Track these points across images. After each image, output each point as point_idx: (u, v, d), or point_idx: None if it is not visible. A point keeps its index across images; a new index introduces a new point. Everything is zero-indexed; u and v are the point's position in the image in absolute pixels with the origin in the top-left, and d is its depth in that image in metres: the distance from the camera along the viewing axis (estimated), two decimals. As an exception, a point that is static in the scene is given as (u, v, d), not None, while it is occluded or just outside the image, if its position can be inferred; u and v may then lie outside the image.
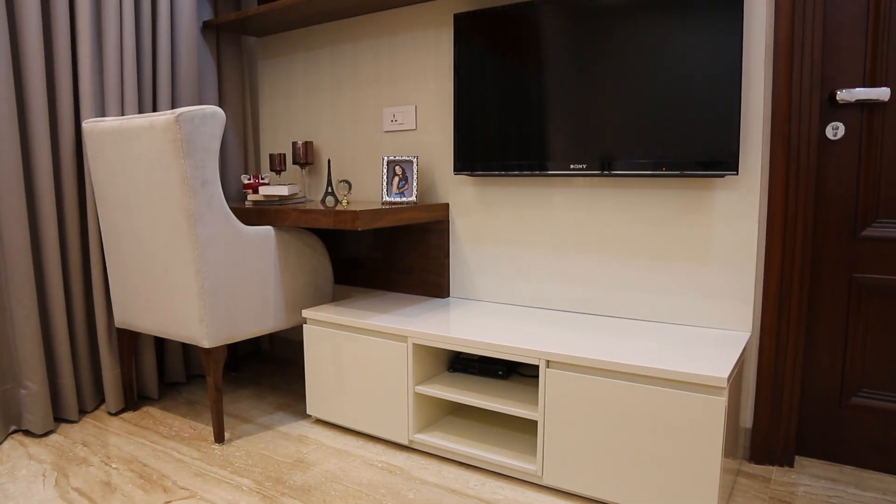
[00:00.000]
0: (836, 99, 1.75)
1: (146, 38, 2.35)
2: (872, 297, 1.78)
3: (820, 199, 1.82)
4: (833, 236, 1.82)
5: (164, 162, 1.87)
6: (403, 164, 2.29)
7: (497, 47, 2.06)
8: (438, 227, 2.35)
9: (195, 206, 1.87)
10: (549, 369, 1.66)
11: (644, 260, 1.96)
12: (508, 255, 2.23)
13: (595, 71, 1.89)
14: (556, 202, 2.10)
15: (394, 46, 2.45)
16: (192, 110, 1.82)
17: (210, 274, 1.93)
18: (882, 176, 1.74)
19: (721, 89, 1.69)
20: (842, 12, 1.75)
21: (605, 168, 1.89)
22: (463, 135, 2.16)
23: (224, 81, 2.74)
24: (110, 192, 2.06)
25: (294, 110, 2.80)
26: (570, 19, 1.91)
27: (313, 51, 2.70)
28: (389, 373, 1.96)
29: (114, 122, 1.98)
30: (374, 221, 1.95)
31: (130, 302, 2.13)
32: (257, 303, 2.09)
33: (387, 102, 2.49)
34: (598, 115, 1.89)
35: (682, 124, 1.75)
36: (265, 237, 2.11)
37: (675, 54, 1.75)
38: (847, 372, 1.83)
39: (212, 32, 2.66)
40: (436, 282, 2.38)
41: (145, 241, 2.01)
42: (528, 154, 2.03)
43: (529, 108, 2.02)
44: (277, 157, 2.57)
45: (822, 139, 1.80)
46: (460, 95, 2.16)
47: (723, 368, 1.48)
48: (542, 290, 2.17)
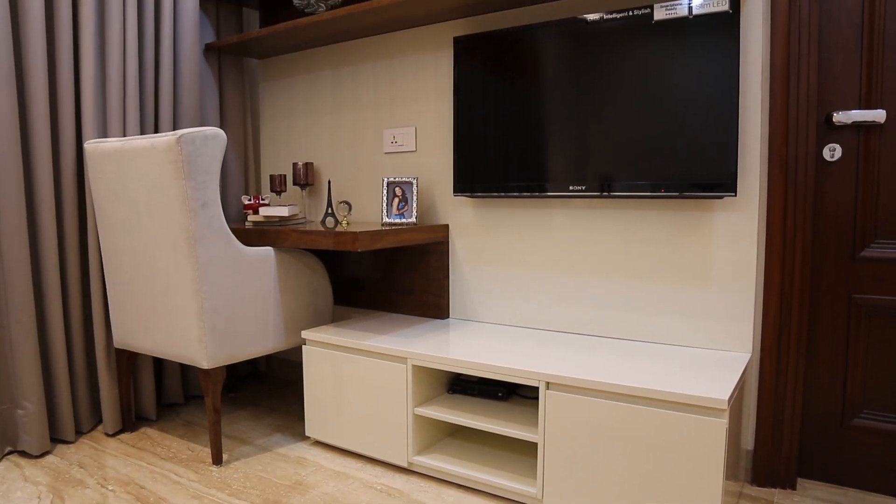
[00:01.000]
0: (832, 121, 1.77)
1: (149, 59, 2.37)
2: (872, 318, 1.78)
3: (818, 220, 1.83)
4: (832, 257, 1.82)
5: (165, 183, 1.87)
6: (403, 186, 2.30)
7: (496, 70, 2.08)
8: (438, 248, 2.35)
9: (196, 227, 1.87)
10: (548, 391, 1.65)
11: (643, 281, 1.97)
12: (508, 276, 2.23)
13: (593, 93, 1.90)
14: (556, 223, 2.11)
15: (394, 69, 2.47)
16: (193, 132, 1.84)
17: (210, 295, 1.93)
18: (879, 197, 1.75)
19: (719, 112, 1.71)
20: (836, 37, 1.77)
21: (604, 190, 1.89)
22: (463, 156, 2.18)
23: (225, 103, 2.77)
24: (111, 213, 2.07)
25: (295, 131, 2.82)
26: (569, 42, 1.93)
27: (314, 73, 2.72)
28: (389, 394, 1.95)
29: (115, 143, 1.99)
30: (374, 243, 1.95)
31: (129, 322, 2.13)
32: (257, 324, 2.09)
33: (387, 124, 2.51)
34: (596, 137, 1.90)
35: (681, 146, 1.77)
36: (265, 258, 2.11)
37: (673, 77, 1.77)
38: (848, 393, 1.82)
39: (214, 54, 2.69)
40: (435, 303, 2.38)
41: (145, 261, 2.01)
42: (527, 176, 2.04)
43: (528, 130, 2.03)
44: (278, 178, 2.59)
45: (820, 161, 1.81)
46: (460, 117, 2.18)
47: (723, 390, 1.47)
48: (541, 311, 2.17)
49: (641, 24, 1.80)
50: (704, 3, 1.71)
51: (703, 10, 1.71)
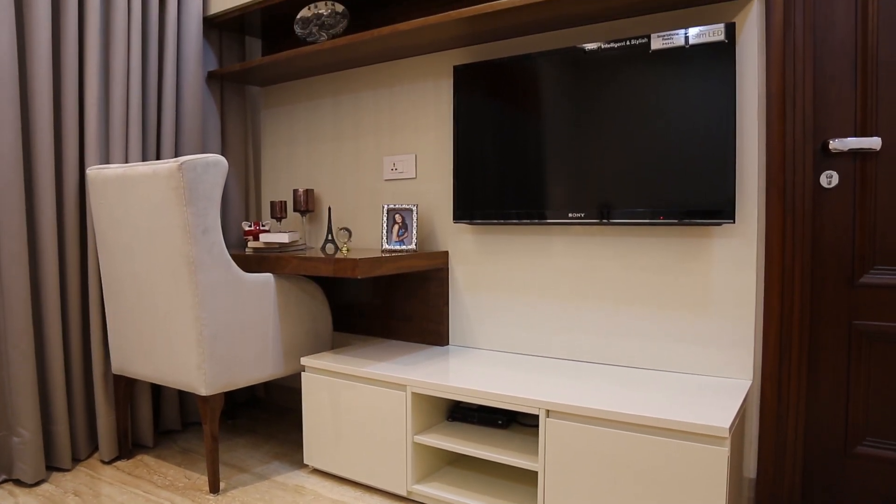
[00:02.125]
0: (829, 148, 1.78)
1: (152, 87, 2.40)
2: (873, 345, 1.77)
3: (817, 247, 1.84)
4: (831, 283, 1.82)
5: (166, 209, 1.88)
6: (403, 213, 2.31)
7: (496, 98, 2.11)
8: (438, 274, 2.36)
9: (196, 254, 1.88)
10: (548, 419, 1.64)
11: (643, 307, 1.96)
12: (508, 303, 2.23)
13: (592, 121, 1.92)
14: (555, 250, 2.12)
15: (394, 97, 2.50)
16: (194, 159, 1.85)
17: (209, 321, 1.92)
18: (877, 223, 1.76)
19: (716, 140, 1.72)
20: (831, 65, 1.80)
21: (603, 217, 1.90)
22: (462, 183, 2.19)
23: (227, 129, 2.79)
24: (112, 239, 2.07)
25: (296, 158, 2.84)
26: (567, 71, 1.96)
27: (315, 100, 2.75)
28: (388, 422, 1.93)
29: (118, 170, 2.01)
30: (374, 269, 1.96)
31: (128, 348, 2.13)
32: (256, 350, 2.08)
33: (387, 151, 2.53)
34: (595, 164, 1.92)
35: (679, 173, 1.78)
36: (265, 284, 2.11)
37: (671, 105, 1.79)
38: (851, 420, 1.81)
39: (216, 82, 2.72)
40: (435, 329, 2.38)
41: (145, 287, 2.01)
42: (526, 203, 2.05)
43: (528, 158, 2.05)
44: (278, 205, 2.60)
45: (817, 187, 1.83)
46: (459, 145, 2.19)
47: (724, 418, 1.46)
48: (541, 338, 2.16)
49: (639, 54, 1.83)
50: (700, 33, 1.73)
51: (699, 40, 1.74)
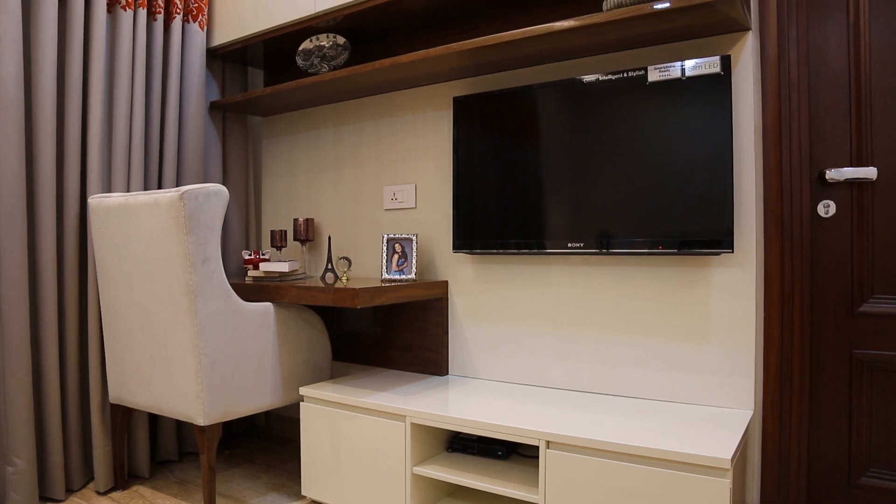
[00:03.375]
0: (825, 178, 1.80)
1: (155, 117, 2.42)
2: (874, 374, 1.77)
3: (816, 276, 1.84)
4: (831, 312, 1.82)
5: (167, 238, 1.89)
6: (403, 242, 2.32)
7: (495, 129, 2.13)
8: (437, 304, 2.35)
9: (196, 282, 1.88)
10: (549, 450, 1.63)
11: (643, 337, 1.96)
12: (507, 333, 2.22)
13: (590, 152, 1.94)
14: (555, 279, 2.12)
15: (395, 127, 2.52)
16: (196, 188, 1.86)
17: (208, 350, 1.92)
18: (875, 252, 1.76)
19: (714, 169, 1.74)
20: (825, 97, 1.82)
21: (602, 246, 1.91)
22: (462, 213, 2.20)
23: (228, 159, 2.81)
24: (112, 267, 2.08)
25: (296, 187, 2.86)
26: (566, 102, 1.98)
27: (316, 130, 2.78)
28: (387, 453, 1.92)
29: (119, 199, 2.02)
30: (374, 299, 1.96)
31: (126, 377, 2.11)
32: (255, 380, 2.07)
33: (387, 181, 2.54)
34: (594, 194, 1.93)
35: (678, 203, 1.79)
36: (264, 314, 2.11)
37: (669, 136, 1.81)
38: (854, 451, 1.79)
39: (218, 112, 2.75)
40: (434, 359, 2.37)
41: (145, 316, 2.01)
42: (525, 232, 2.06)
43: (527, 188, 2.06)
44: (278, 234, 2.61)
45: (815, 217, 1.84)
46: (459, 175, 2.21)
47: (726, 448, 1.45)
48: (541, 367, 2.15)
49: (636, 86, 1.85)
50: (697, 66, 1.76)
51: (695, 72, 1.76)
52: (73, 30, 2.15)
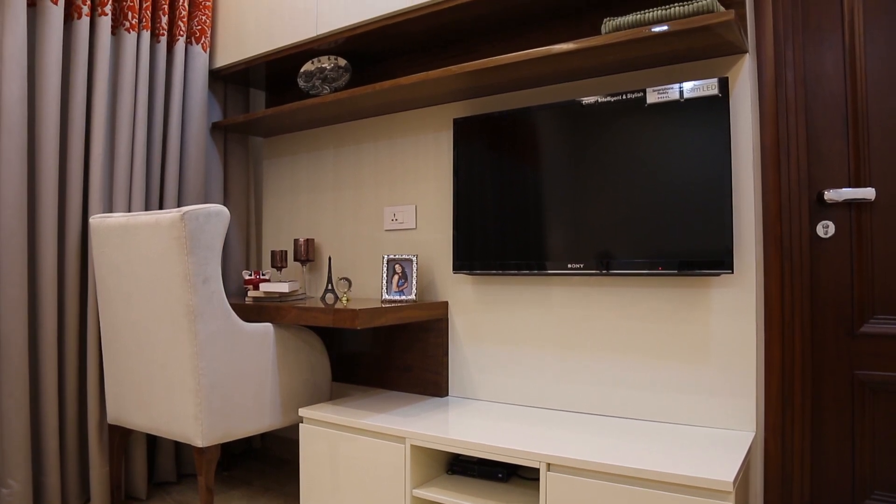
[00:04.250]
0: (824, 199, 1.80)
1: (157, 137, 2.44)
2: (877, 395, 1.76)
3: (816, 297, 1.84)
4: (831, 333, 1.82)
5: (167, 258, 1.89)
6: (403, 263, 2.32)
7: (495, 150, 2.14)
8: (437, 325, 2.35)
9: (196, 303, 1.88)
10: (549, 472, 1.61)
11: (644, 358, 1.95)
12: (507, 354, 2.22)
13: (590, 173, 1.95)
14: (555, 300, 2.12)
15: (395, 148, 2.53)
16: (197, 209, 1.87)
17: (208, 371, 1.91)
18: (875, 272, 1.77)
19: (713, 190, 1.75)
20: (823, 118, 1.83)
21: (602, 267, 1.91)
22: (462, 234, 2.21)
23: (229, 179, 2.82)
24: (113, 287, 2.08)
25: (297, 208, 2.87)
26: (565, 123, 1.99)
27: (317, 151, 2.79)
28: (387, 475, 1.90)
29: (121, 219, 2.03)
30: (374, 320, 1.95)
31: (125, 398, 2.10)
32: (254, 401, 2.06)
33: (388, 202, 2.55)
34: (594, 215, 1.94)
35: (677, 224, 1.79)
36: (264, 334, 2.11)
37: (668, 157, 1.82)
38: (858, 473, 1.78)
39: (220, 132, 2.77)
40: (435, 380, 2.36)
41: (144, 336, 2.01)
42: (525, 253, 2.06)
43: (527, 209, 2.07)
44: (279, 254, 2.61)
45: (814, 237, 1.84)
46: (459, 196, 2.22)
47: (728, 471, 1.44)
48: (542, 389, 2.14)
49: (635, 107, 1.87)
50: (695, 88, 1.77)
51: (693, 94, 1.78)
52: (77, 52, 2.17)
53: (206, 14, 2.60)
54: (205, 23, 2.60)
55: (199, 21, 2.58)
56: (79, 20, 2.18)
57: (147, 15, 2.38)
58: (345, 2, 2.26)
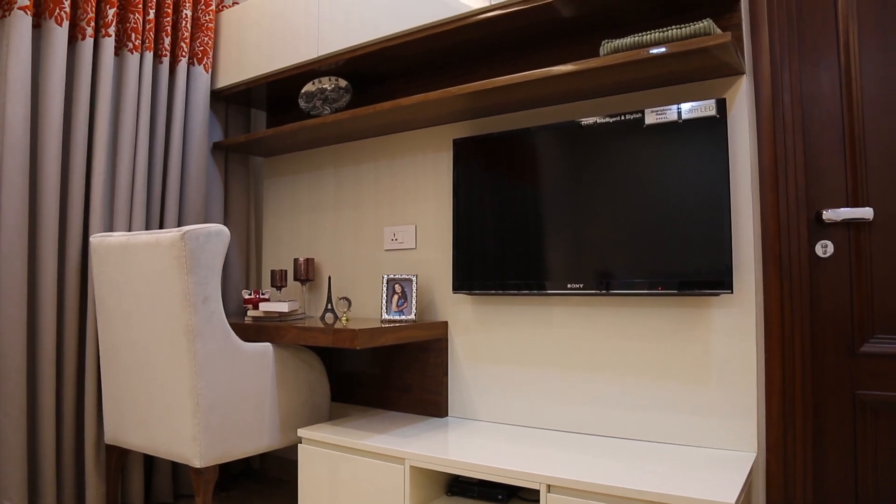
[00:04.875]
0: (822, 218, 1.81)
1: (158, 157, 2.45)
2: (879, 415, 1.75)
3: (816, 316, 1.84)
4: (832, 353, 1.82)
5: (167, 278, 1.89)
6: (403, 283, 2.32)
7: (494, 170, 2.15)
8: (437, 345, 2.35)
9: (195, 323, 1.87)
10: (549, 494, 1.60)
11: (644, 378, 1.95)
12: (507, 374, 2.21)
13: (589, 194, 1.96)
14: (555, 320, 2.11)
15: (395, 168, 2.55)
16: (197, 228, 1.87)
17: (206, 391, 1.90)
18: (874, 292, 1.77)
19: (712, 211, 1.75)
20: (820, 138, 1.85)
21: (602, 287, 1.91)
22: (461, 254, 2.21)
23: (230, 199, 2.83)
24: (112, 306, 2.08)
25: (297, 228, 2.87)
26: (565, 144, 2.01)
27: (317, 171, 2.81)
28: (386, 496, 1.89)
29: (121, 238, 2.03)
30: (373, 340, 1.95)
31: (122, 418, 2.09)
32: (253, 421, 2.05)
33: (387, 222, 2.56)
34: (593, 236, 1.94)
35: (677, 244, 1.80)
36: (263, 354, 2.10)
37: (667, 178, 1.83)
38: (861, 494, 1.76)
39: (221, 152, 2.78)
40: (434, 401, 2.35)
41: (143, 356, 2.00)
42: (525, 273, 2.07)
43: (526, 230, 2.07)
44: (279, 273, 2.61)
45: (813, 257, 1.84)
46: (459, 216, 2.23)
47: (730, 492, 1.43)
48: (541, 409, 2.13)
49: (634, 128, 1.88)
50: (692, 109, 1.79)
51: (691, 115, 1.79)
52: (80, 72, 2.19)
53: (209, 35, 2.63)
54: (207, 44, 2.62)
55: (201, 42, 2.61)
56: (83, 41, 2.20)
57: (150, 36, 2.40)
58: (345, 24, 2.29)
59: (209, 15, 2.63)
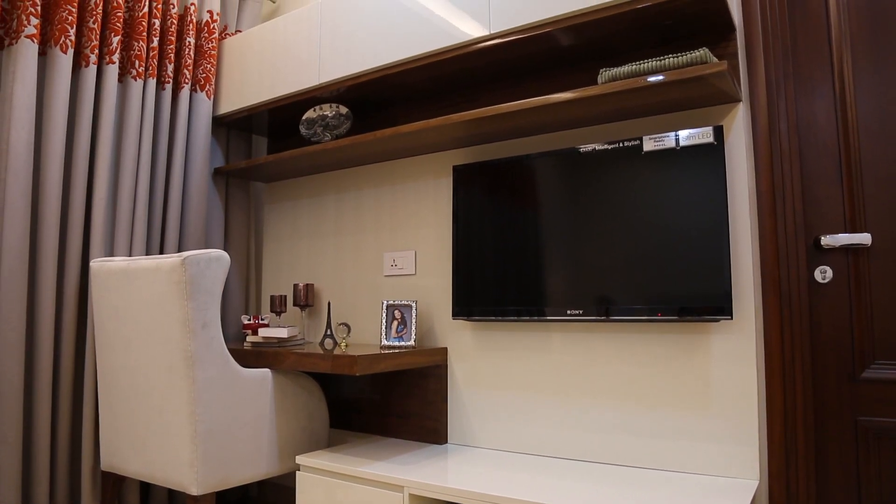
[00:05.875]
0: (821, 244, 1.82)
1: (160, 182, 2.47)
2: (881, 441, 1.74)
3: (816, 342, 1.84)
4: (833, 379, 1.81)
5: (167, 303, 1.89)
6: (402, 308, 2.32)
7: (494, 197, 2.16)
8: (436, 371, 2.34)
9: (194, 348, 1.87)
10: (551, 521, 1.58)
11: (644, 405, 1.94)
12: (507, 400, 2.20)
13: (588, 220, 1.97)
14: (555, 346, 2.11)
15: (395, 194, 2.56)
16: (198, 254, 1.88)
17: (204, 417, 1.89)
18: (874, 317, 1.77)
19: (710, 237, 1.76)
20: (816, 165, 1.86)
21: (602, 313, 1.91)
22: (461, 280, 2.21)
23: (230, 224, 2.84)
24: (111, 331, 2.07)
25: (297, 253, 2.88)
26: (564, 171, 2.02)
27: (318, 197, 2.82)
28: (384, 524, 1.86)
29: (121, 263, 2.03)
30: (373, 366, 1.94)
31: (119, 444, 2.07)
32: (251, 448, 2.04)
33: (387, 247, 2.56)
34: (592, 262, 1.95)
35: (676, 270, 1.80)
36: (262, 380, 2.09)
37: (665, 204, 1.84)
38: (863, 524, 1.75)
39: (222, 178, 2.80)
40: (433, 427, 2.33)
41: (142, 381, 1.99)
42: (525, 299, 2.07)
43: (526, 256, 2.08)
44: (278, 299, 2.61)
45: (812, 283, 1.85)
46: (458, 242, 2.23)
47: (733, 520, 1.42)
48: (541, 436, 2.12)
49: (633, 155, 1.90)
50: (690, 136, 1.81)
51: (689, 142, 1.81)
52: (83, 98, 2.22)
53: (211, 62, 2.66)
54: (209, 71, 2.65)
55: (203, 69, 2.64)
56: (86, 68, 2.23)
57: (153, 63, 2.43)
58: (347, 51, 2.32)
59: (212, 43, 2.67)
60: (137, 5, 2.38)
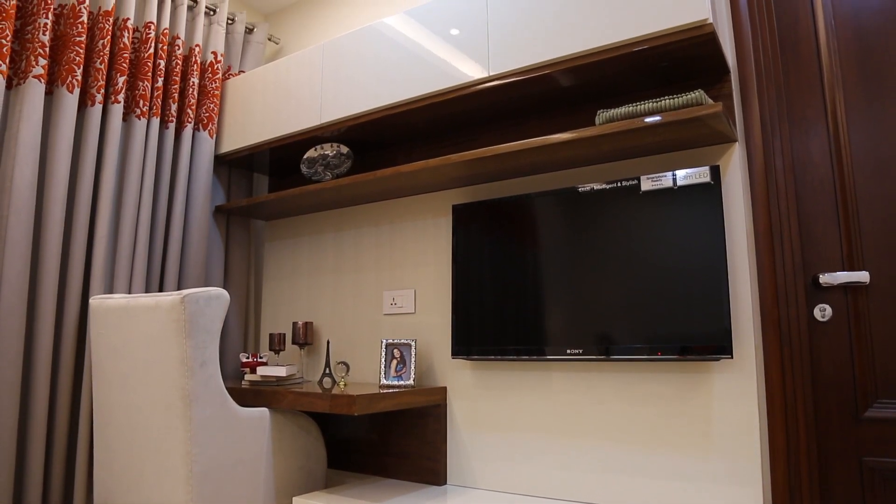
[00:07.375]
0: (819, 282, 1.82)
1: (161, 221, 2.48)
2: (887, 482, 1.72)
3: (817, 381, 1.83)
4: (835, 418, 1.79)
5: (165, 341, 1.89)
6: (402, 347, 2.31)
7: (493, 236, 2.17)
8: (436, 410, 2.31)
9: (192, 387, 1.85)
10: (553, 565, 1.55)
11: (646, 445, 1.92)
12: (507, 441, 2.17)
13: (587, 259, 1.97)
14: (555, 386, 2.10)
15: (395, 233, 2.57)
16: (197, 292, 1.88)
17: (201, 457, 1.86)
18: (875, 356, 1.76)
19: (709, 275, 1.76)
20: (813, 203, 1.88)
21: (602, 352, 1.90)
22: (461, 319, 2.21)
23: (230, 261, 2.85)
24: (109, 369, 2.06)
25: (296, 291, 2.88)
26: (563, 210, 2.04)
27: (318, 235, 2.83)
28: (382, 568, 1.82)
29: (121, 300, 2.03)
30: (371, 406, 1.93)
31: (113, 483, 2.04)
32: (247, 489, 2.00)
33: (387, 286, 2.57)
34: (592, 301, 1.95)
35: (675, 309, 1.80)
36: (260, 419, 2.07)
37: (664, 243, 1.85)
38: (871, 569, 1.71)
39: (223, 215, 2.81)
40: (432, 468, 2.30)
41: (138, 419, 1.97)
42: (524, 339, 2.06)
43: (525, 295, 2.08)
44: (277, 337, 2.60)
45: (812, 321, 1.85)
46: (458, 281, 2.23)
47: (738, 564, 1.39)
48: (541, 477, 2.09)
49: (630, 194, 1.91)
50: (687, 176, 1.83)
51: (686, 182, 1.83)
52: (88, 137, 2.25)
53: (215, 102, 2.70)
54: (212, 110, 2.69)
55: (207, 108, 2.68)
56: (92, 107, 2.26)
57: (158, 102, 2.47)
58: (348, 92, 2.36)
59: (215, 83, 2.71)
60: (143, 46, 2.43)
